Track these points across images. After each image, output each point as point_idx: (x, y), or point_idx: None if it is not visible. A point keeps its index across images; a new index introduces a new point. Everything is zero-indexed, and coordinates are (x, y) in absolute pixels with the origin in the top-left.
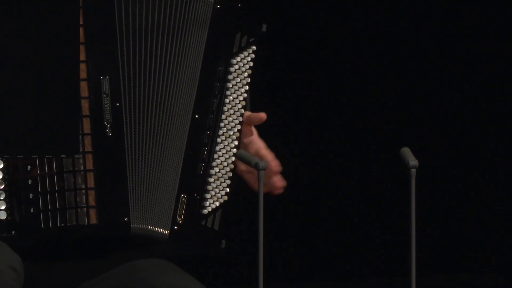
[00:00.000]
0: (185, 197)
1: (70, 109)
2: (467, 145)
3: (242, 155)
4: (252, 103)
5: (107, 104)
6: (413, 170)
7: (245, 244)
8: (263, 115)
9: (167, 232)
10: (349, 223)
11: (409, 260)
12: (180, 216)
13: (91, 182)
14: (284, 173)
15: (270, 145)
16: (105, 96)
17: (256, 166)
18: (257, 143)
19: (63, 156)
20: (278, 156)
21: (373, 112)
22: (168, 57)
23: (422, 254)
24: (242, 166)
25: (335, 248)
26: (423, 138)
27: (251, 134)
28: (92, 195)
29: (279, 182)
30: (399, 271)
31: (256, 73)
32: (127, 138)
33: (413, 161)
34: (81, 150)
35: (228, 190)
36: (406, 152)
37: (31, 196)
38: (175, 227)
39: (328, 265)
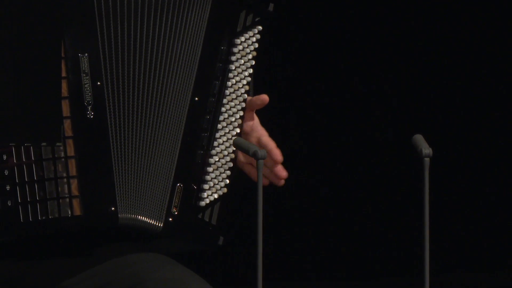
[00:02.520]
0: (181, 186)
1: (50, 93)
2: (486, 131)
3: (240, 143)
4: (255, 90)
5: (87, 83)
6: (427, 160)
7: (244, 240)
8: (265, 97)
9: (161, 224)
10: (356, 218)
11: (422, 258)
12: (176, 207)
13: (73, 170)
14: (287, 165)
15: (273, 135)
16: (84, 75)
17: (254, 155)
18: (259, 131)
19: (43, 144)
20: (281, 146)
21: (384, 96)
22: (161, 34)
23: (436, 251)
24: (241, 157)
25: (341, 245)
26: (438, 125)
27: (252, 119)
28: (74, 184)
29: (281, 172)
30: (410, 270)
31: (261, 56)
32: (110, 120)
33: (426, 150)
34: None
35: (227, 181)
36: (419, 139)
37: (8, 187)
38: (170, 219)
39: (335, 264)
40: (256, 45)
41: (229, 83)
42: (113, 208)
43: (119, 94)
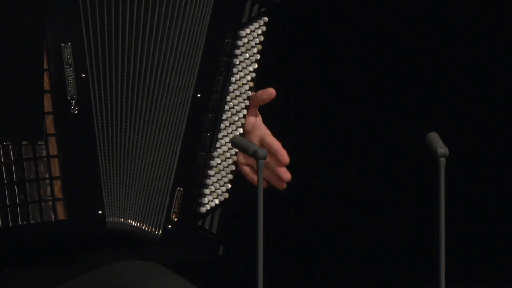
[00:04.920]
0: (181, 191)
1: (32, 86)
2: (508, 129)
3: (238, 141)
4: (257, 86)
5: (70, 76)
6: (443, 160)
7: (243, 248)
8: (272, 91)
9: (159, 231)
10: (365, 224)
11: (437, 268)
12: (175, 213)
13: (56, 170)
14: (291, 167)
15: (277, 136)
16: (67, 66)
17: (254, 155)
18: (261, 129)
19: (24, 143)
20: (286, 147)
21: (396, 91)
22: (158, 23)
23: (453, 261)
24: (240, 158)
25: (349, 252)
26: (454, 121)
27: (255, 116)
28: (58, 186)
29: (284, 174)
30: (424, 281)
31: (265, 49)
32: (96, 116)
33: (442, 149)
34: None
35: (229, 186)
36: (434, 137)
37: None
38: (169, 226)
39: (342, 273)
40: (262, 37)
41: (233, 79)
42: (100, 212)
43: (106, 88)
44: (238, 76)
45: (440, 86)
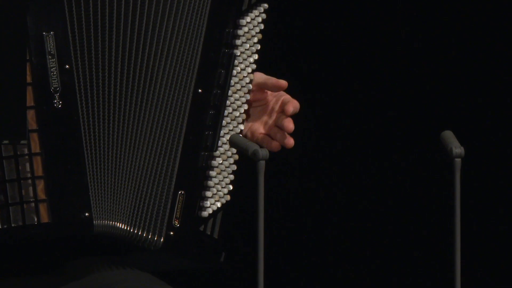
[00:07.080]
0: (183, 194)
1: (14, 80)
2: None
3: (237, 140)
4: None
5: (53, 67)
6: (458, 160)
7: (243, 254)
8: (283, 83)
9: (160, 239)
10: (375, 227)
11: (453, 273)
12: (177, 219)
13: (38, 169)
14: (295, 169)
15: None
16: (50, 57)
17: (254, 155)
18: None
19: (5, 142)
20: (294, 146)
21: (408, 87)
22: (150, 10)
23: (468, 266)
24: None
25: (357, 259)
26: (471, 119)
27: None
28: (41, 186)
29: (287, 123)
30: (439, 286)
31: (264, 39)
32: (82, 110)
33: (457, 149)
34: None
35: (231, 187)
36: (449, 136)
37: None
38: (171, 232)
39: (349, 282)
40: (262, 26)
41: (234, 72)
42: (86, 214)
43: (92, 80)
44: (239, 68)
45: (455, 82)
